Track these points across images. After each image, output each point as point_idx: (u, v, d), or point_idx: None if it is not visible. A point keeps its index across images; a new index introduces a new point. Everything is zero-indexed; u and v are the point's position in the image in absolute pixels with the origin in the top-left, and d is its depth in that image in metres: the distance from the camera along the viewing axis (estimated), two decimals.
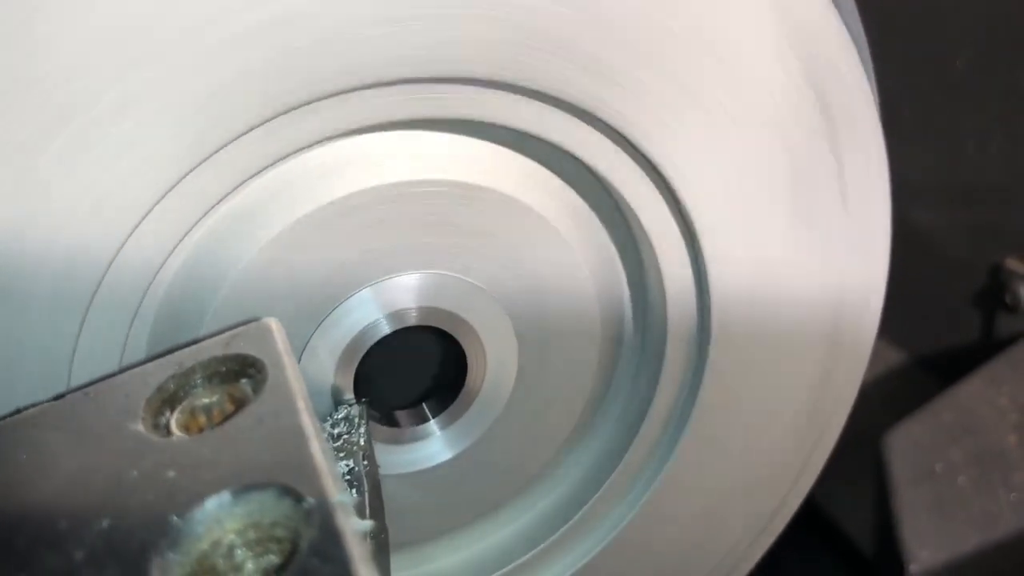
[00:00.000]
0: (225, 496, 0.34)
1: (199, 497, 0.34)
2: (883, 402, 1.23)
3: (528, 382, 0.60)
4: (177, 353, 0.41)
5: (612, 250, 0.61)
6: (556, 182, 0.58)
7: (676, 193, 0.55)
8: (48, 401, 0.41)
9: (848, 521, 1.21)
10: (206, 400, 0.40)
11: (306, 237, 0.51)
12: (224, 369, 0.40)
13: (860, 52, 0.58)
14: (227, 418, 0.38)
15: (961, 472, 1.07)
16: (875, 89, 0.64)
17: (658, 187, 0.56)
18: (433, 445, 0.60)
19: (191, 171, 0.45)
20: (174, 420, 0.39)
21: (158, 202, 0.44)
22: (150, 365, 0.41)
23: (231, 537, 0.34)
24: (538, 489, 0.66)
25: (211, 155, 0.45)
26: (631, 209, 0.57)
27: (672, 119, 0.53)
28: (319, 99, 0.47)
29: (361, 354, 0.55)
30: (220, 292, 0.51)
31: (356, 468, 0.51)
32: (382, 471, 0.57)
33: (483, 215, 0.55)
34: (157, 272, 0.47)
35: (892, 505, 1.08)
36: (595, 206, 0.59)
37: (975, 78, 1.04)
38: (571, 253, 0.58)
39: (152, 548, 0.33)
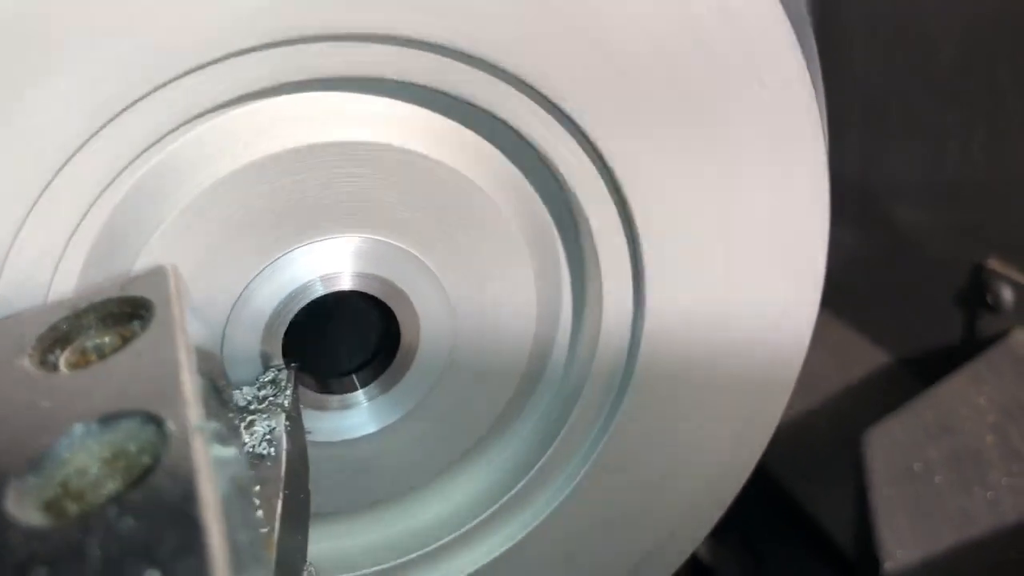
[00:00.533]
0: (92, 423, 0.34)
1: (68, 424, 0.34)
2: (865, 402, 1.22)
3: (460, 362, 0.60)
4: (75, 297, 0.41)
5: (557, 243, 0.61)
6: (510, 169, 0.58)
7: (626, 200, 0.55)
8: None
9: (831, 521, 1.21)
10: (97, 340, 0.40)
11: (236, 194, 0.52)
12: (117, 311, 0.41)
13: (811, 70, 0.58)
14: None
15: (938, 471, 1.06)
16: (824, 108, 0.63)
17: (608, 187, 0.57)
18: (359, 415, 0.60)
19: (109, 123, 0.45)
20: (63, 358, 0.39)
21: (63, 166, 0.45)
22: (47, 306, 0.41)
23: (97, 465, 0.34)
24: (459, 474, 0.66)
25: (142, 99, 0.46)
26: (576, 199, 0.57)
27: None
28: (255, 50, 0.47)
29: (290, 317, 0.55)
30: (140, 256, 0.51)
31: (276, 429, 0.51)
32: (310, 438, 0.57)
33: (429, 186, 0.55)
34: (67, 244, 0.48)
35: (870, 503, 1.07)
36: (549, 205, 0.59)
37: (958, 77, 1.04)
38: (513, 235, 0.58)
39: (13, 473, 0.33)
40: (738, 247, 0.58)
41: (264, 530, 0.41)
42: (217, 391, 0.39)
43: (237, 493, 0.34)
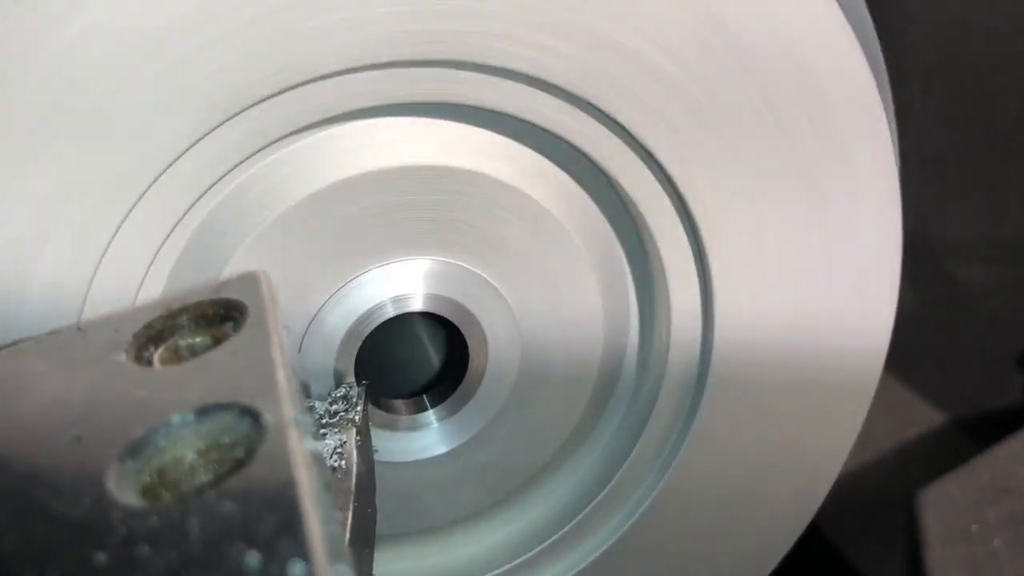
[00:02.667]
0: (189, 414, 0.35)
1: (165, 414, 0.35)
2: (920, 462, 1.20)
3: (529, 381, 0.61)
4: (169, 297, 0.43)
5: (624, 264, 0.61)
6: (580, 194, 0.59)
7: (694, 220, 0.56)
8: (44, 335, 0.42)
9: None
10: (190, 340, 0.41)
11: (312, 217, 0.53)
12: (211, 312, 0.42)
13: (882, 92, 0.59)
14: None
15: (996, 534, 1.03)
16: (895, 132, 0.64)
17: (676, 209, 0.57)
18: (429, 436, 0.60)
19: (203, 138, 0.47)
20: (157, 355, 0.40)
21: (157, 177, 0.47)
22: (141, 306, 0.42)
23: (192, 455, 0.35)
24: (528, 496, 0.66)
25: (226, 122, 0.47)
26: (643, 220, 0.58)
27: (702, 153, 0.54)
28: (341, 74, 0.48)
29: (363, 336, 0.56)
30: (225, 271, 0.52)
31: (347, 443, 0.52)
32: (379, 457, 0.58)
33: (501, 211, 0.56)
34: (151, 263, 0.49)
35: (924, 564, 1.04)
36: (613, 222, 0.60)
37: (1018, 131, 1.03)
38: (581, 258, 0.59)
39: (114, 457, 0.34)
40: (808, 261, 0.58)
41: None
42: (304, 393, 0.40)
43: (324, 487, 0.34)
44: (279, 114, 0.49)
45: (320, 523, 0.29)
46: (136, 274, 0.49)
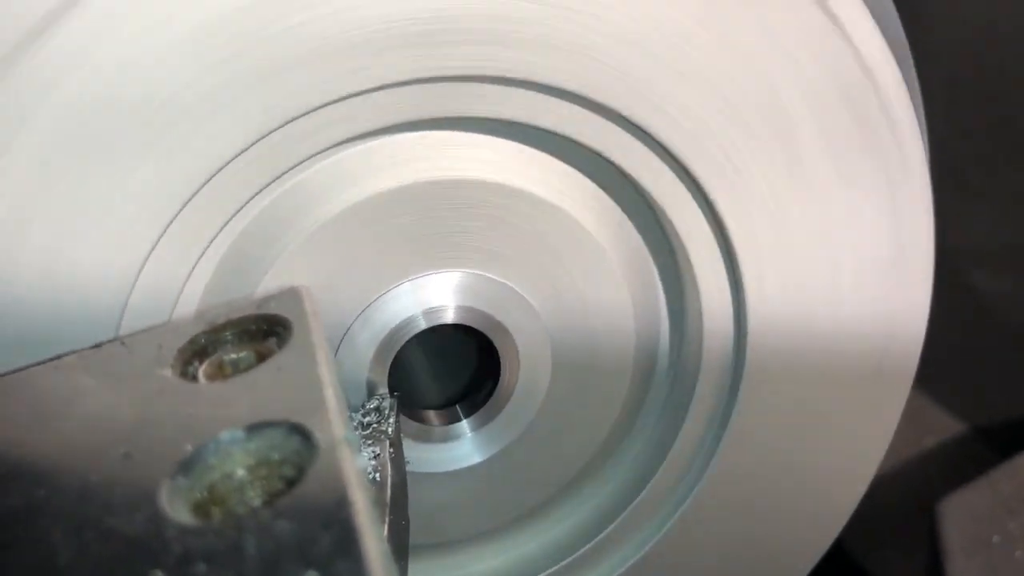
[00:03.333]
0: (238, 431, 0.35)
1: (214, 431, 0.35)
2: (940, 472, 1.20)
3: (561, 388, 0.61)
4: (211, 311, 0.43)
5: (652, 267, 0.61)
6: (606, 200, 0.59)
7: (720, 216, 0.56)
8: (87, 349, 0.43)
9: None
10: (234, 355, 0.41)
11: (346, 231, 0.53)
12: (254, 328, 0.42)
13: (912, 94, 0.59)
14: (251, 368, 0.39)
15: (1018, 545, 1.03)
16: (924, 128, 0.64)
17: (703, 209, 0.57)
18: (463, 446, 0.60)
19: (235, 158, 0.47)
20: (202, 370, 0.41)
21: (194, 195, 0.47)
22: (184, 320, 0.43)
23: (241, 472, 0.35)
24: (566, 501, 0.66)
25: (261, 139, 0.48)
26: (671, 224, 0.58)
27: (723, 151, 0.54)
28: (371, 90, 0.49)
29: (396, 349, 0.57)
30: (260, 285, 0.53)
31: (381, 455, 0.52)
32: (412, 468, 0.58)
33: (529, 221, 0.57)
34: (188, 276, 0.50)
35: (945, 575, 1.04)
36: (639, 227, 0.60)
37: None
38: (610, 265, 0.59)
39: (165, 474, 0.34)
40: (841, 258, 0.58)
41: None
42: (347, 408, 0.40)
43: (373, 505, 0.35)
44: (328, 126, 0.49)
45: (376, 542, 0.30)
46: (174, 288, 0.49)
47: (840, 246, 0.58)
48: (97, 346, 0.43)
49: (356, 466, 0.33)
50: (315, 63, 0.46)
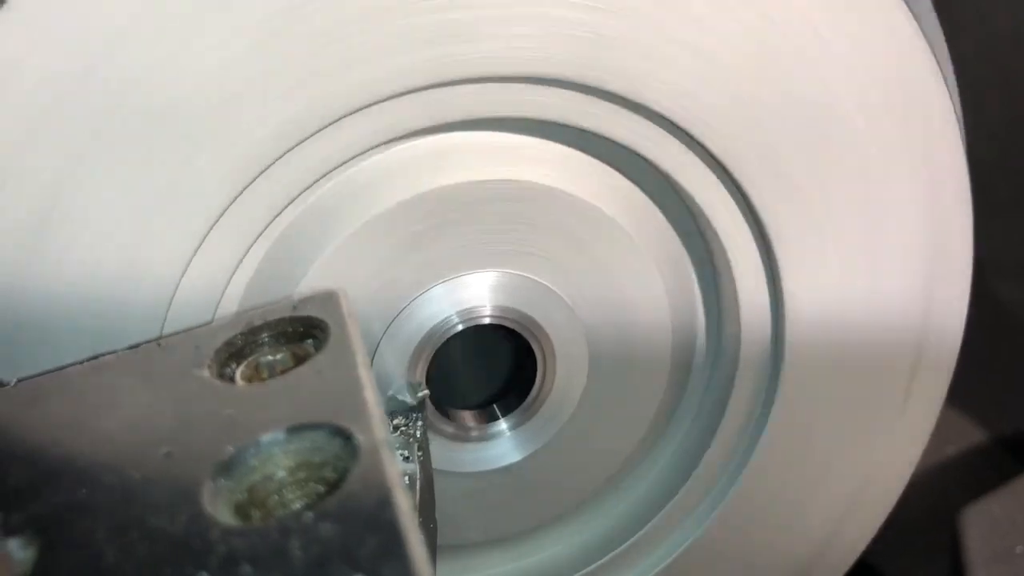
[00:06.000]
0: (279, 433, 0.35)
1: (254, 432, 0.35)
2: (961, 481, 1.19)
3: (599, 384, 0.61)
4: (248, 313, 0.43)
5: (687, 263, 0.61)
6: (638, 195, 0.59)
7: (755, 210, 0.56)
8: (124, 350, 0.43)
9: None
10: (271, 357, 0.41)
11: (382, 234, 0.53)
12: (290, 330, 0.42)
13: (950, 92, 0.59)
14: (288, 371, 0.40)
15: None
16: (963, 128, 0.63)
17: (739, 205, 0.57)
18: (502, 445, 0.60)
19: (270, 166, 0.48)
20: (239, 372, 0.41)
21: (233, 202, 0.47)
22: (221, 322, 0.43)
23: (282, 474, 0.35)
24: (604, 500, 0.66)
25: (294, 148, 0.48)
26: (707, 220, 0.58)
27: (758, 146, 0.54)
28: (409, 92, 0.49)
29: (433, 350, 0.57)
30: (298, 288, 0.53)
31: (410, 456, 0.52)
32: (450, 468, 0.58)
33: (563, 220, 0.57)
34: (235, 270, 0.50)
35: None
36: (673, 221, 0.60)
37: None
38: (645, 260, 0.59)
39: (206, 474, 0.34)
40: (879, 253, 0.58)
41: None
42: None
43: (413, 508, 0.35)
44: (364, 127, 0.50)
45: (419, 545, 0.30)
46: (219, 283, 0.49)
47: (879, 242, 0.58)
48: (134, 347, 0.43)
49: (398, 469, 0.33)
50: (373, 60, 0.46)
